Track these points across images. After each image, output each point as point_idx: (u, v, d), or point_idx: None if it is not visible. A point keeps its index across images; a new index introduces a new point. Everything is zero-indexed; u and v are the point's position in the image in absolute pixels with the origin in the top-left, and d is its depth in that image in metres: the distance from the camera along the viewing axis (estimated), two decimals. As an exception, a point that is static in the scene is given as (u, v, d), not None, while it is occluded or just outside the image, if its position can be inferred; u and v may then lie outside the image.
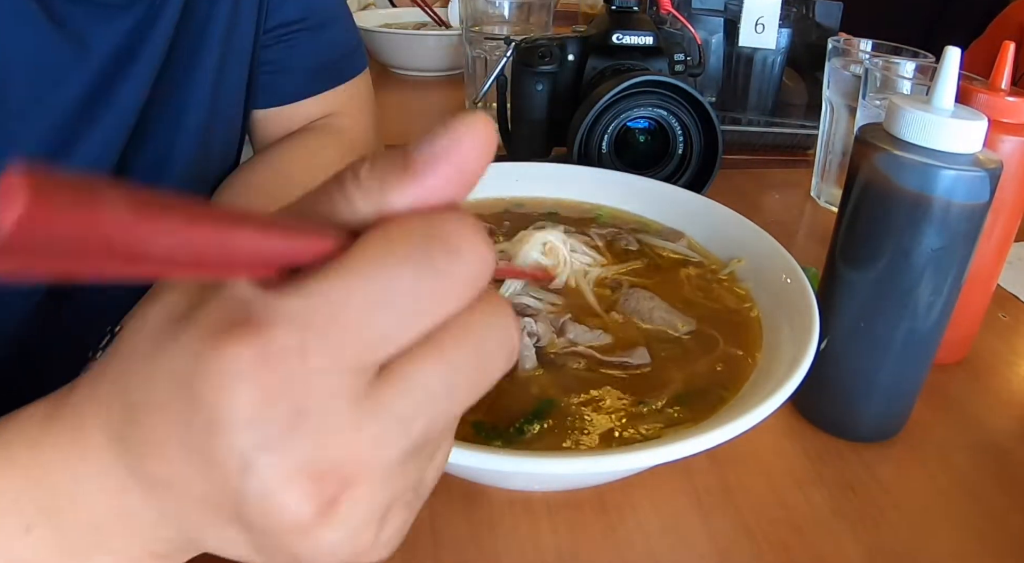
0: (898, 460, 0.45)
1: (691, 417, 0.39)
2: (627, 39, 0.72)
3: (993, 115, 0.44)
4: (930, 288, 0.42)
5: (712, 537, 0.39)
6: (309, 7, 0.62)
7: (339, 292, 0.18)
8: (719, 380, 0.42)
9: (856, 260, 0.43)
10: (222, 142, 0.59)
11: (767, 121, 0.94)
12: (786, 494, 0.42)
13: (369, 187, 0.19)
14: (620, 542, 0.39)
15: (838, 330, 0.44)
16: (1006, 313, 0.62)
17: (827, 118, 0.79)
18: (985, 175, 0.39)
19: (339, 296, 0.18)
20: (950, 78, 0.40)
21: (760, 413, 0.34)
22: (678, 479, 0.42)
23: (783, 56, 0.94)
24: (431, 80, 1.19)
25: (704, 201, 0.58)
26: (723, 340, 0.46)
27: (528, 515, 0.40)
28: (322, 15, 0.64)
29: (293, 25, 0.61)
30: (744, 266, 0.52)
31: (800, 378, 0.37)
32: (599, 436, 0.38)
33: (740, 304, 0.49)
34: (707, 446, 0.33)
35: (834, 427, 0.47)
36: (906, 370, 0.45)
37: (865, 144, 0.42)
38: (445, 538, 0.38)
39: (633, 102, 0.67)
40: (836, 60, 0.77)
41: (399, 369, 0.19)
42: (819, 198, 0.81)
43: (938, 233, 0.40)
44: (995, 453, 0.47)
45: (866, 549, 0.39)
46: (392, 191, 0.19)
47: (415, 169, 0.19)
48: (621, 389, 0.41)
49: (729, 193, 0.67)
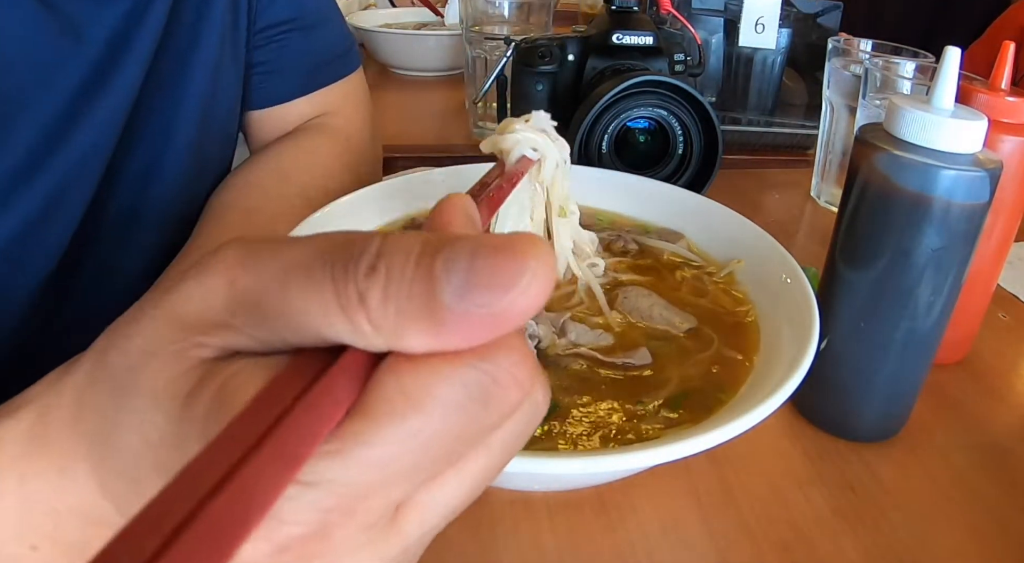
0: (898, 460, 0.45)
1: (691, 418, 0.39)
2: (627, 39, 0.72)
3: (993, 115, 0.44)
4: (930, 288, 0.42)
5: (712, 537, 0.39)
6: (300, 7, 0.63)
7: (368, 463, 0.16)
8: (716, 383, 0.42)
9: (856, 260, 0.43)
10: (217, 137, 0.59)
11: (767, 121, 0.94)
12: (786, 494, 0.42)
13: (381, 322, 0.16)
14: (620, 542, 0.39)
15: (838, 330, 0.44)
16: (1006, 313, 0.62)
17: (827, 118, 0.79)
18: (985, 175, 0.39)
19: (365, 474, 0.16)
20: (950, 78, 0.40)
21: (760, 413, 0.34)
22: (678, 479, 0.42)
23: (783, 56, 0.94)
24: (431, 80, 1.19)
25: (704, 201, 0.58)
26: (721, 342, 0.45)
27: (528, 515, 0.40)
28: (313, 16, 0.64)
29: (283, 25, 0.62)
30: (744, 266, 0.52)
31: (800, 378, 0.37)
32: (599, 436, 0.38)
33: (736, 307, 0.49)
34: (707, 446, 0.33)
35: (834, 427, 0.47)
36: (906, 370, 0.45)
37: (865, 144, 0.42)
38: (445, 538, 0.38)
39: (633, 102, 0.67)
40: (836, 60, 0.77)
41: (419, 499, 0.18)
42: (819, 198, 0.81)
43: (938, 233, 0.40)
44: (995, 453, 0.47)
45: (866, 549, 0.39)
46: (410, 336, 0.16)
47: (443, 322, 0.16)
48: (622, 389, 0.41)
49: (729, 193, 0.66)
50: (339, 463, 0.16)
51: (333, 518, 0.17)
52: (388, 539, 0.18)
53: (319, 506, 0.16)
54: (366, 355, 0.17)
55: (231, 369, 0.18)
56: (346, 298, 0.16)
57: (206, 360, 0.18)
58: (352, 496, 0.17)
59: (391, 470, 0.16)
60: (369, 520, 0.17)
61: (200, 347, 0.18)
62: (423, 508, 0.19)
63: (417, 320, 0.16)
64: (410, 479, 0.17)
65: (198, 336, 0.18)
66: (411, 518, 0.18)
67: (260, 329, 0.18)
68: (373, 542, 0.18)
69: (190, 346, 0.18)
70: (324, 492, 0.16)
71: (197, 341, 0.18)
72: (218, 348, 0.18)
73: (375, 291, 0.16)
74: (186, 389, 0.18)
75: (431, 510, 0.19)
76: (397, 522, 0.18)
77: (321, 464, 0.16)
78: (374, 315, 0.16)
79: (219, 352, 0.18)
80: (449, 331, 0.16)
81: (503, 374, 0.17)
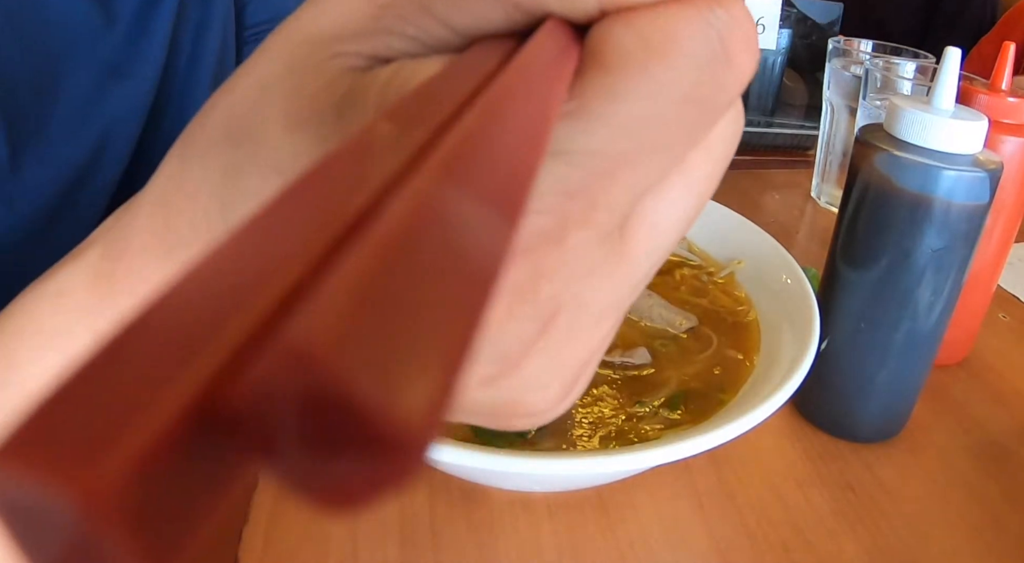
0: (898, 461, 0.45)
1: (691, 418, 0.39)
2: (627, 39, 0.72)
3: (993, 116, 0.44)
4: (930, 289, 0.42)
5: (712, 537, 0.39)
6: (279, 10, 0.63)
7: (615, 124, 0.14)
8: (717, 383, 0.42)
9: (856, 261, 0.43)
10: None
11: (767, 122, 0.94)
12: (786, 494, 0.42)
13: None
14: (620, 542, 0.39)
15: (838, 331, 0.44)
16: (1006, 314, 0.62)
17: (827, 119, 0.79)
18: (985, 176, 0.39)
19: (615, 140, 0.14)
20: (950, 79, 0.40)
21: (760, 414, 0.34)
22: (679, 480, 0.42)
23: (783, 57, 0.94)
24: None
25: (704, 201, 0.58)
26: (722, 341, 0.45)
27: (528, 515, 0.40)
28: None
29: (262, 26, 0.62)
30: (744, 267, 0.52)
31: (800, 379, 0.37)
32: (600, 437, 0.38)
33: (736, 306, 0.49)
34: (708, 446, 0.33)
35: (834, 428, 0.47)
36: (906, 371, 0.45)
37: (865, 145, 0.42)
38: (445, 538, 0.38)
39: (633, 102, 0.67)
40: (836, 61, 0.77)
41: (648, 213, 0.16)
42: (819, 198, 0.81)
43: (938, 234, 0.40)
44: (995, 454, 0.47)
45: (866, 549, 0.39)
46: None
47: None
48: (621, 389, 0.41)
49: (729, 193, 0.66)
50: (583, 123, 0.14)
51: (575, 208, 0.14)
52: (618, 268, 0.16)
53: (562, 185, 0.14)
54: (570, 27, 0.14)
55: (392, 66, 0.15)
56: None
57: (354, 69, 0.15)
58: (598, 173, 0.14)
59: (639, 138, 0.14)
60: (606, 223, 0.15)
61: (341, 56, 0.15)
62: (650, 226, 0.16)
63: None
64: (653, 159, 0.14)
65: (336, 46, 0.15)
66: (639, 238, 0.16)
67: (423, 20, 0.15)
68: (604, 266, 0.15)
69: (329, 57, 0.15)
70: (567, 164, 0.14)
71: (336, 51, 0.15)
72: (365, 56, 0.15)
73: None
74: (335, 99, 0.15)
75: (657, 230, 0.16)
76: (626, 244, 0.16)
77: (562, 127, 0.14)
78: None
79: (367, 61, 0.15)
80: None
81: (739, 26, 0.14)
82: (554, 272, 0.15)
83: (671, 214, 0.16)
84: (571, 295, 0.15)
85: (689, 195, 0.16)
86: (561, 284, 0.15)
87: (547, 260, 0.14)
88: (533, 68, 0.12)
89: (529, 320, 0.15)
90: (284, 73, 0.16)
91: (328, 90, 0.15)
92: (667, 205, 0.16)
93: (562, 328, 0.16)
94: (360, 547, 0.37)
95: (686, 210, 0.16)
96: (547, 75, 0.12)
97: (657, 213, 0.16)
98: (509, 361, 0.16)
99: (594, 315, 0.16)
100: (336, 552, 0.37)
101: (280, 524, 0.38)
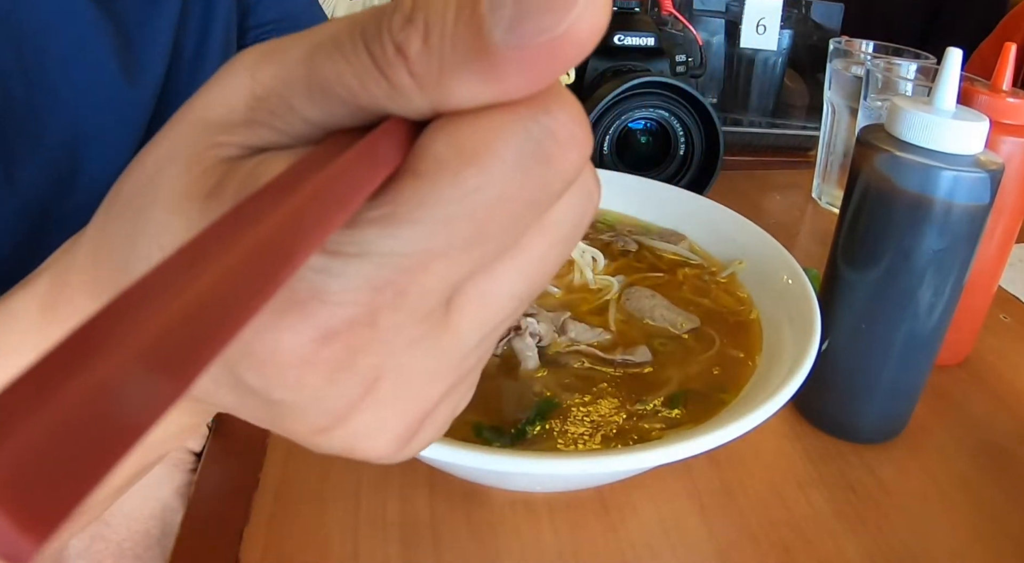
0: (899, 461, 0.45)
1: (692, 418, 0.39)
2: (628, 40, 0.72)
3: (994, 116, 0.44)
4: (931, 289, 0.42)
5: (713, 538, 0.39)
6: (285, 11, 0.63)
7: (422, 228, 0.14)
8: (719, 383, 0.42)
9: (857, 261, 0.43)
10: None
11: (768, 122, 0.94)
12: (787, 495, 0.42)
13: (423, 73, 0.14)
14: (621, 543, 0.39)
15: (839, 331, 0.44)
16: (1007, 314, 0.62)
17: (828, 119, 0.79)
18: (986, 176, 0.39)
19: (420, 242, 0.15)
20: (951, 79, 0.40)
21: (761, 414, 0.34)
22: (679, 480, 0.42)
23: (784, 57, 0.94)
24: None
25: (705, 202, 0.58)
26: (723, 342, 0.45)
27: (529, 515, 0.40)
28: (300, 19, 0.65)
29: (267, 26, 0.63)
30: (745, 267, 0.52)
31: (801, 379, 0.37)
32: (600, 436, 0.38)
33: (738, 306, 0.49)
34: (709, 447, 0.33)
35: (835, 428, 0.47)
36: (907, 371, 0.45)
37: (866, 145, 0.42)
38: (445, 538, 0.38)
39: (634, 103, 0.67)
40: (837, 61, 0.77)
41: (472, 291, 0.16)
42: (820, 199, 0.81)
43: (939, 234, 0.40)
44: (996, 454, 0.47)
45: (867, 550, 0.39)
46: (457, 85, 0.14)
47: (494, 63, 0.14)
48: (622, 388, 0.41)
49: (730, 194, 0.67)
50: (390, 229, 0.14)
51: (383, 299, 0.15)
52: (442, 338, 0.17)
53: (368, 282, 0.15)
54: (408, 123, 0.15)
55: (256, 159, 0.16)
56: (381, 52, 0.14)
57: (229, 158, 0.16)
58: (404, 270, 0.15)
59: (447, 238, 0.15)
60: (421, 307, 0.15)
61: (220, 147, 0.17)
62: (477, 302, 0.16)
63: (464, 65, 0.14)
64: (467, 253, 0.15)
65: (218, 136, 0.17)
66: (466, 312, 0.16)
67: (286, 115, 0.16)
68: (426, 339, 0.16)
69: (209, 146, 0.17)
70: (373, 264, 0.15)
71: (217, 141, 0.17)
72: (240, 146, 0.17)
73: (414, 40, 0.14)
74: (207, 188, 0.16)
75: (486, 305, 0.17)
76: (450, 318, 0.16)
77: (369, 231, 0.14)
78: (415, 65, 0.14)
79: (242, 151, 0.17)
80: (502, 72, 0.14)
81: (562, 129, 0.15)
82: (369, 349, 0.16)
83: (502, 291, 0.17)
84: (393, 364, 0.16)
85: (521, 274, 0.17)
86: (380, 356, 0.16)
87: (359, 340, 0.15)
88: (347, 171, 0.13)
89: (351, 386, 0.16)
90: (174, 156, 0.17)
91: (203, 178, 0.16)
92: (498, 284, 0.17)
93: (386, 390, 0.17)
94: (360, 547, 0.37)
95: (520, 287, 0.17)
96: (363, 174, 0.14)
97: (487, 292, 0.17)
98: (337, 416, 0.17)
99: (423, 378, 0.17)
100: (336, 552, 0.37)
101: (280, 524, 0.38)
